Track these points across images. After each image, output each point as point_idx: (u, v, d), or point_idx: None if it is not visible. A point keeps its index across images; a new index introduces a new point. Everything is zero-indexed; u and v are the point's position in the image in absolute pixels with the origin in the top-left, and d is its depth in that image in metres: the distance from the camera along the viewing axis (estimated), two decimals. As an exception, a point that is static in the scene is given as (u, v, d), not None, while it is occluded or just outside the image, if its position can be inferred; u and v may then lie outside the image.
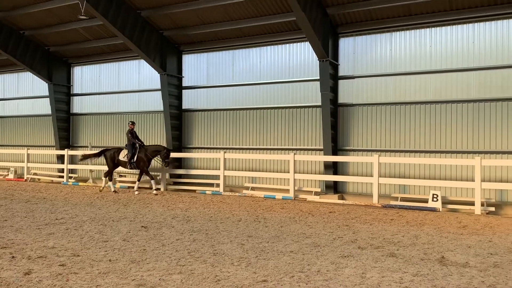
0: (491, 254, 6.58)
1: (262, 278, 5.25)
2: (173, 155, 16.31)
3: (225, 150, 15.46)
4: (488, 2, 11.92)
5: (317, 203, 12.55)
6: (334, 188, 14.09)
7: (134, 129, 14.98)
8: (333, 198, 13.35)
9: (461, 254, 6.51)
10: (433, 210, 11.15)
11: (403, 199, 12.61)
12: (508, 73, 12.04)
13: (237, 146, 16.14)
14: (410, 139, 13.26)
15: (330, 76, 13.73)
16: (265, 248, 6.75)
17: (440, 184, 11.90)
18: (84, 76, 20.23)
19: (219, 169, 14.92)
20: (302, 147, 14.91)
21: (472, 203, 11.18)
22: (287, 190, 13.77)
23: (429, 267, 5.75)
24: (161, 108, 17.19)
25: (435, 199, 11.34)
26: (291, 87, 15.16)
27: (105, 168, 15.54)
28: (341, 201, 12.83)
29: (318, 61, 13.70)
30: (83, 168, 18.52)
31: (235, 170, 15.77)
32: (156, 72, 16.93)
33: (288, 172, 13.77)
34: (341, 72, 14.29)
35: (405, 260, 6.10)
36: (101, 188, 14.94)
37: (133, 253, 6.42)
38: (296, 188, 13.77)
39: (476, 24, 12.42)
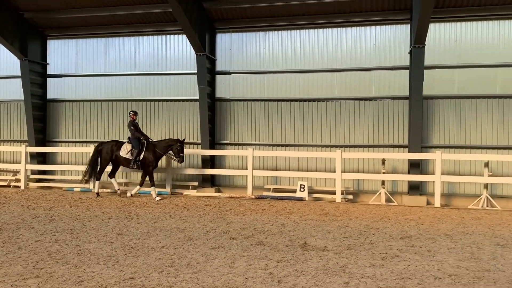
0: (347, 237, 7.30)
1: (129, 275, 5.08)
2: (36, 149, 14.92)
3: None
4: (350, 10, 13.13)
5: (194, 197, 12.57)
6: (211, 181, 14.26)
7: (137, 120, 12.43)
8: (210, 192, 13.51)
9: (321, 239, 7.10)
10: (301, 199, 11.98)
11: (275, 190, 13.32)
12: (365, 75, 13.44)
13: (110, 140, 15.32)
14: (281, 134, 14.02)
15: (208, 70, 13.82)
16: (135, 245, 6.54)
17: (307, 175, 12.82)
18: None
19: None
20: (179, 141, 14.76)
21: (334, 192, 12.27)
22: (164, 185, 13.53)
23: (292, 253, 6.16)
24: (22, 97, 15.50)
25: (302, 189, 12.19)
26: (168, 79, 14.89)
27: None
28: (217, 194, 13.03)
29: (195, 55, 13.67)
30: None
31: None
32: (16, 58, 15.19)
33: (165, 166, 13.52)
34: (218, 67, 14.47)
35: (272, 248, 6.45)
36: (119, 193, 12.27)
37: (-20, 259, 5.69)
38: (172, 182, 13.61)
39: (339, 28, 13.61)
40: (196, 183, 14.13)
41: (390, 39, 13.31)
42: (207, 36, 13.79)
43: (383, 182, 12.40)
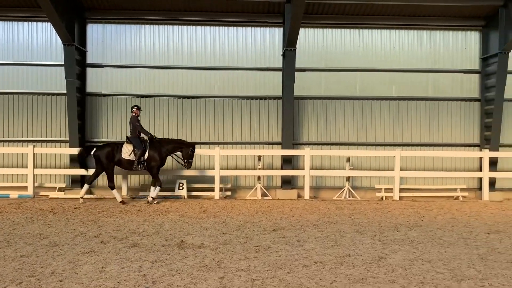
0: (223, 233, 7.42)
1: (-21, 291, 4.48)
2: None
3: None
4: (226, 9, 13.30)
5: (61, 199, 11.60)
6: (82, 182, 13.29)
7: (140, 117, 11.32)
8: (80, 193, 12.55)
9: (199, 236, 7.11)
10: (179, 198, 11.85)
11: (152, 189, 12.94)
12: (242, 74, 13.77)
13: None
14: (160, 131, 13.68)
15: (77, 62, 12.83)
16: (-13, 256, 5.79)
17: (186, 173, 12.69)
18: None
19: None
20: (45, 138, 13.44)
21: (213, 189, 12.39)
22: (25, 188, 12.22)
23: (168, 252, 6.06)
24: None
25: (181, 188, 12.08)
26: (30, 70, 13.44)
27: None
28: (88, 196, 12.19)
29: (62, 45, 12.59)
30: None
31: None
32: None
33: (27, 167, 12.21)
34: (89, 59, 13.54)
35: (147, 249, 6.25)
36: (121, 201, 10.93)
37: None
38: (36, 184, 12.38)
39: (217, 27, 13.73)
40: (64, 185, 13.06)
41: (265, 41, 13.86)
42: (76, 26, 12.80)
43: (259, 178, 12.90)
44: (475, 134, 14.11)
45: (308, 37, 13.87)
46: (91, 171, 11.37)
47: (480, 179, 13.35)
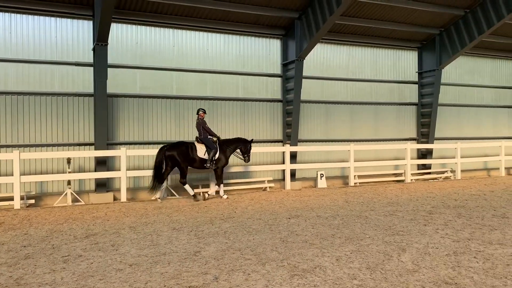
0: (25, 246, 6.61)
1: None
2: None
3: None
4: (24, -5, 11.88)
5: None
6: None
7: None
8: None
9: (-8, 253, 6.17)
10: (-33, 211, 10.05)
11: None
12: (46, 68, 12.47)
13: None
14: None
15: None
16: None
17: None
18: None
19: None
20: None
21: (12, 198, 10.90)
22: None
23: (-51, 277, 5.09)
24: None
25: (-31, 199, 10.26)
26: None
27: None
28: None
29: None
30: None
31: None
32: None
33: None
34: None
35: None
36: (199, 197, 11.64)
37: None
38: None
39: (13, 14, 12.10)
40: None
41: (73, 34, 12.82)
42: None
43: (69, 182, 11.89)
44: (279, 131, 15.81)
45: (121, 33, 13.39)
46: None
47: (283, 171, 15.02)
